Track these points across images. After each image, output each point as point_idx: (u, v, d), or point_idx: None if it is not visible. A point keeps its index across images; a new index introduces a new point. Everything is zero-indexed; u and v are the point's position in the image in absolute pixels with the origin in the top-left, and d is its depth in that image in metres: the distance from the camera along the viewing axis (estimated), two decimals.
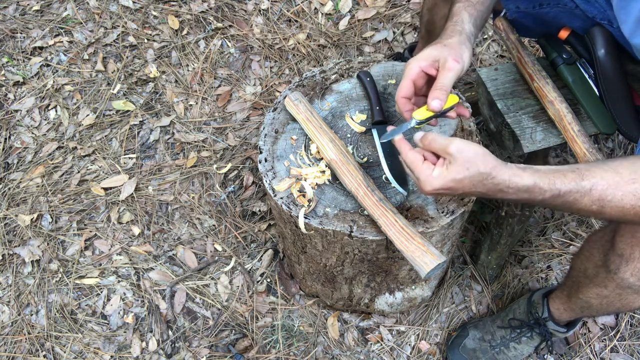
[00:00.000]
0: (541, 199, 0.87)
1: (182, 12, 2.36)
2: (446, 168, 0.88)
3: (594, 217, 0.92)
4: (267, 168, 1.24)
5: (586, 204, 0.87)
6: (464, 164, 0.86)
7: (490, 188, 0.87)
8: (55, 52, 2.30)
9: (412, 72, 1.01)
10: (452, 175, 0.86)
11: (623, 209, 0.86)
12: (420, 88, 1.05)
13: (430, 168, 0.90)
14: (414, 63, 1.01)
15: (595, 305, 1.21)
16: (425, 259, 1.01)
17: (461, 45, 1.02)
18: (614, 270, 1.05)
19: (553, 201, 0.88)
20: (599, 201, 0.86)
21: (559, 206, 0.89)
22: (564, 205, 0.88)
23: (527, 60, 1.27)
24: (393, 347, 1.65)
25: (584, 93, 1.23)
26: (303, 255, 1.40)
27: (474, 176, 0.86)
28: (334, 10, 2.37)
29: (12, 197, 1.96)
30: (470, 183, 0.86)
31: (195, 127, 2.09)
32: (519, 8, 1.21)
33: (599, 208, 0.87)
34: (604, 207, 0.86)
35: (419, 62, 1.01)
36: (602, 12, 1.08)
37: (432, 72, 1.01)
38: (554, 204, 0.88)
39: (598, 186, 0.85)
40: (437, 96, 0.96)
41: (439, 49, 1.00)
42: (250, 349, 1.65)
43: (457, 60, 0.98)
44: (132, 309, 1.74)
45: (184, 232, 1.87)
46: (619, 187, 0.85)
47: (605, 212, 0.87)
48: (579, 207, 0.88)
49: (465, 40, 1.03)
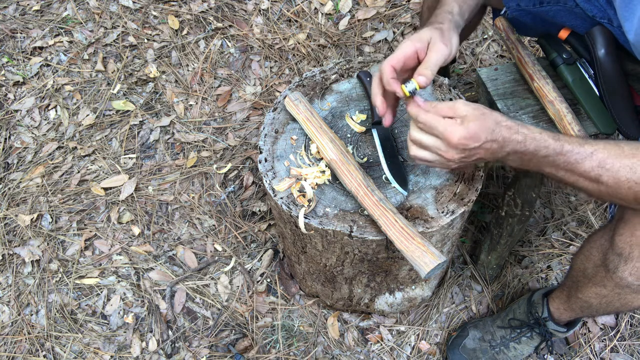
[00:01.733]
0: (544, 154, 0.91)
1: (182, 12, 2.36)
2: (467, 120, 0.91)
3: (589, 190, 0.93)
4: (267, 168, 1.24)
5: (586, 169, 0.90)
6: (477, 112, 0.91)
7: (504, 135, 0.91)
8: (55, 52, 2.30)
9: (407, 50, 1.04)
10: (471, 124, 0.90)
11: (618, 181, 0.89)
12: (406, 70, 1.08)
13: (453, 121, 0.93)
14: (410, 42, 1.04)
15: (595, 304, 1.21)
16: (425, 259, 1.01)
17: (450, 31, 1.06)
18: (612, 270, 1.06)
19: (555, 159, 0.91)
20: (598, 168, 0.89)
21: (561, 166, 0.92)
22: (566, 165, 0.92)
23: (527, 60, 1.27)
24: (393, 347, 1.65)
25: (584, 93, 1.23)
26: (303, 255, 1.40)
27: (489, 121, 0.91)
28: (334, 10, 2.37)
29: (12, 197, 1.96)
30: (488, 129, 0.91)
31: (195, 127, 2.09)
32: (519, 6, 1.21)
33: (596, 175, 0.90)
34: (602, 175, 0.89)
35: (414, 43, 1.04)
36: (602, 11, 1.08)
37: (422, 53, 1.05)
38: (556, 163, 0.92)
39: (599, 153, 0.89)
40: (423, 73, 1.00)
41: (431, 31, 1.04)
42: (250, 349, 1.65)
43: (445, 44, 1.02)
44: (132, 309, 1.74)
45: (184, 232, 1.87)
46: (618, 158, 0.88)
47: (601, 180, 0.90)
48: (579, 171, 0.91)
49: (453, 27, 1.07)
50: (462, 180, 1.20)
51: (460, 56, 2.24)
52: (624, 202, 0.93)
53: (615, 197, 0.92)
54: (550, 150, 0.91)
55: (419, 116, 0.97)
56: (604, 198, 0.95)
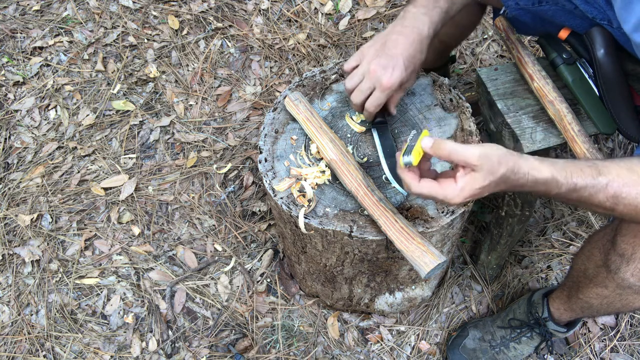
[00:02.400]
0: (556, 193, 0.89)
1: (182, 12, 2.36)
2: (472, 177, 0.87)
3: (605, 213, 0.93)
4: (267, 168, 1.24)
5: (601, 200, 0.88)
6: (489, 170, 0.86)
7: (513, 183, 0.89)
8: (55, 52, 2.30)
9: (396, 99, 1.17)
10: (479, 183, 0.87)
11: (637, 208, 0.87)
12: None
13: (452, 184, 0.89)
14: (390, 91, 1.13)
15: (596, 305, 1.21)
16: (425, 259, 1.01)
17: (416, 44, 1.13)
18: (614, 270, 1.05)
19: (568, 195, 0.89)
20: (614, 198, 0.87)
21: (573, 200, 0.90)
22: (579, 200, 0.89)
23: (527, 60, 1.27)
24: (393, 347, 1.65)
25: (584, 93, 1.23)
26: (303, 255, 1.40)
27: (499, 178, 0.87)
28: (334, 10, 2.37)
29: (12, 197, 1.96)
30: (495, 185, 0.88)
31: (195, 127, 2.09)
32: (518, 4, 1.21)
33: (612, 205, 0.88)
34: (618, 204, 0.87)
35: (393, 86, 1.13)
36: (601, 13, 1.08)
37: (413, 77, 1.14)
38: (569, 197, 0.90)
39: (614, 183, 0.86)
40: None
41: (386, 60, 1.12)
42: (250, 349, 1.65)
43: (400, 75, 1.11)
44: (132, 309, 1.74)
45: (184, 232, 1.87)
46: (634, 186, 0.86)
47: (617, 209, 0.88)
48: (592, 203, 0.89)
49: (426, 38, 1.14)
50: None
51: (460, 56, 2.24)
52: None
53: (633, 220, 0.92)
54: (562, 190, 0.88)
55: (412, 190, 0.92)
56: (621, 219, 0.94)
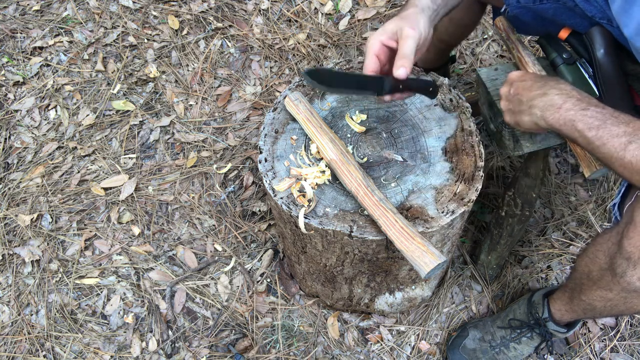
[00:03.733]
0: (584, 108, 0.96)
1: (182, 12, 2.36)
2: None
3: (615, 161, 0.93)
4: (267, 168, 1.23)
5: (619, 132, 0.92)
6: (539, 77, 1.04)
7: (553, 85, 1.00)
8: (55, 52, 2.30)
9: (374, 47, 1.05)
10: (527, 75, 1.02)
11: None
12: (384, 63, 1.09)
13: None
14: (374, 38, 1.05)
15: (599, 307, 1.20)
16: (425, 259, 1.01)
17: (416, 15, 1.06)
18: (620, 274, 1.04)
19: (596, 115, 0.95)
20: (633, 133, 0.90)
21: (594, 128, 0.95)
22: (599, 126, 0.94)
23: (527, 60, 1.27)
24: (393, 347, 1.65)
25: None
26: (303, 255, 1.40)
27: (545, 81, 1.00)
28: (334, 10, 2.37)
29: (12, 197, 1.96)
30: (539, 82, 1.01)
31: (195, 127, 2.09)
32: (519, 3, 1.20)
33: (626, 142, 0.91)
34: (632, 142, 0.90)
35: (378, 37, 1.05)
36: (601, 12, 1.08)
37: (392, 44, 1.05)
38: (591, 122, 0.95)
39: (636, 122, 0.92)
40: (401, 64, 1.01)
41: (395, 22, 1.05)
42: (250, 349, 1.65)
43: (413, 28, 1.02)
44: (132, 309, 1.74)
45: (184, 232, 1.87)
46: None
47: (629, 149, 0.91)
48: (612, 133, 0.92)
49: (420, 11, 1.08)
50: (462, 180, 1.20)
51: (460, 56, 2.24)
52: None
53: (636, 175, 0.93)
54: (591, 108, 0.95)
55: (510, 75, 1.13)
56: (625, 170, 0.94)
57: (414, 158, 1.24)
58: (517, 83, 1.10)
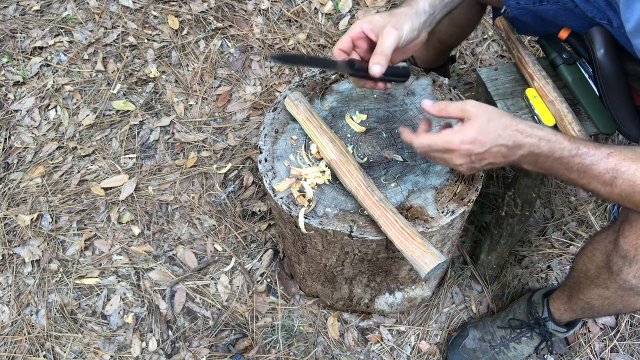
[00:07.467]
0: (559, 156, 0.90)
1: (182, 12, 2.36)
2: (470, 124, 0.90)
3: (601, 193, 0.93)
4: (267, 168, 1.24)
5: (601, 171, 0.90)
6: (485, 115, 0.89)
7: (515, 139, 0.90)
8: (55, 52, 2.30)
9: (354, 31, 1.06)
10: (477, 125, 0.89)
11: (634, 185, 0.88)
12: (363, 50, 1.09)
13: (451, 130, 0.92)
14: (357, 24, 1.06)
15: (597, 306, 1.21)
16: (425, 259, 1.01)
17: (405, 16, 1.06)
18: (616, 272, 1.05)
19: (570, 160, 0.91)
20: (614, 170, 0.88)
21: (574, 168, 0.92)
22: (580, 167, 0.91)
23: (527, 60, 1.27)
24: (393, 347, 1.65)
25: (584, 93, 1.23)
26: (303, 255, 1.40)
27: (496, 126, 0.89)
28: (334, 10, 2.37)
29: (12, 197, 1.96)
30: (493, 134, 0.89)
31: (195, 127, 2.09)
32: (519, 4, 1.21)
33: (610, 178, 0.89)
34: (617, 178, 0.89)
35: (362, 23, 1.05)
36: (601, 12, 1.08)
37: (372, 37, 1.05)
38: (570, 164, 0.91)
39: (614, 155, 0.89)
40: (376, 61, 1.01)
41: (383, 16, 1.05)
42: (250, 349, 1.65)
43: (395, 27, 1.02)
44: (132, 309, 1.74)
45: (184, 232, 1.87)
46: (635, 161, 0.88)
47: (616, 184, 0.89)
48: (593, 173, 0.90)
49: (413, 13, 1.07)
50: (462, 180, 1.20)
51: (460, 56, 2.24)
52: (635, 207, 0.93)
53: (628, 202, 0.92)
54: (565, 152, 0.90)
55: (413, 143, 0.99)
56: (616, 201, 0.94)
57: (414, 158, 1.24)
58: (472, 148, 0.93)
